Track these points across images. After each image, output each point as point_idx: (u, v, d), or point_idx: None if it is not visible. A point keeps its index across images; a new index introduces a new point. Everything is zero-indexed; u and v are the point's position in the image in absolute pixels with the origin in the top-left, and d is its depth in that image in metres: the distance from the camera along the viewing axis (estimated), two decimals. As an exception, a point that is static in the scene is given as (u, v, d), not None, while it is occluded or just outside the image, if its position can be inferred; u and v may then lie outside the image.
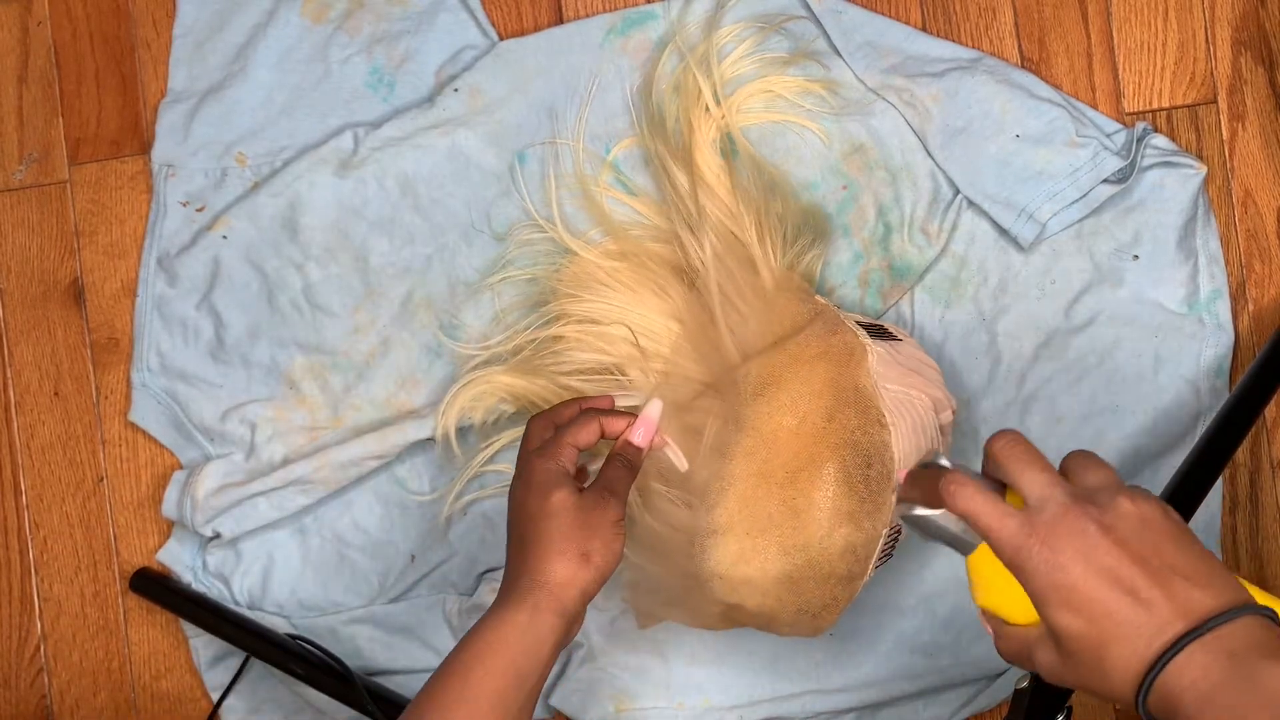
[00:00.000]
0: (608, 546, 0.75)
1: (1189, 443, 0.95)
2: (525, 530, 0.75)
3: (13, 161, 1.09)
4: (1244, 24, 0.99)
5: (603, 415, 0.80)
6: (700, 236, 0.93)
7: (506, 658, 0.71)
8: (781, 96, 1.00)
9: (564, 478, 0.76)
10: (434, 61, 1.04)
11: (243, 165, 1.05)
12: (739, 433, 0.84)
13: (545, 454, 0.77)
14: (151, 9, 1.08)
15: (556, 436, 0.78)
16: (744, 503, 0.83)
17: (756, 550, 0.83)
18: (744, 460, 0.84)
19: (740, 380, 0.86)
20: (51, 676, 1.07)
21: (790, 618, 0.85)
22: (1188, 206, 0.97)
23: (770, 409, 0.84)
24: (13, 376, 1.08)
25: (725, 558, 0.83)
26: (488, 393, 0.98)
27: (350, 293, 1.03)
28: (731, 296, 0.91)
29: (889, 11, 1.01)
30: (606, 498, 0.76)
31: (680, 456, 0.85)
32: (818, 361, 0.85)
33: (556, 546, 0.74)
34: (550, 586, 0.73)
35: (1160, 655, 0.56)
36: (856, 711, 0.99)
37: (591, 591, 0.75)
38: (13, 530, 1.08)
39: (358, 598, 1.03)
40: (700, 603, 0.87)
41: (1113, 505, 0.60)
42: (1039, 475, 0.62)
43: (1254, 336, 0.99)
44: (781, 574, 0.83)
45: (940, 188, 0.99)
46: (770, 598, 0.84)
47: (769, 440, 0.84)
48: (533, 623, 0.72)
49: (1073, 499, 0.60)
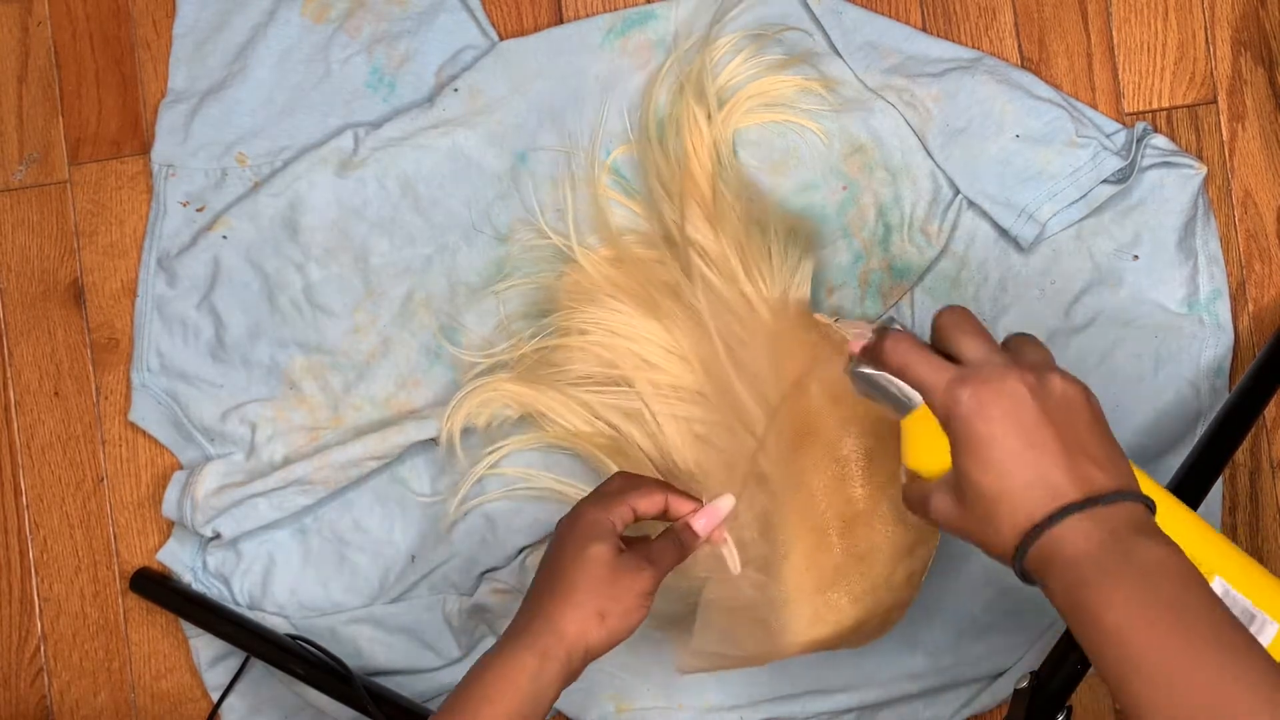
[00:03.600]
0: (628, 614, 0.75)
1: (1189, 443, 0.95)
2: (555, 571, 0.75)
3: (13, 161, 1.09)
4: (1244, 24, 1.00)
5: (672, 493, 0.79)
6: (694, 286, 0.92)
7: (514, 702, 0.72)
8: (781, 97, 1.00)
9: (608, 533, 0.75)
10: (434, 61, 1.04)
11: (243, 165, 1.05)
12: (785, 492, 0.83)
13: (600, 504, 0.77)
14: (152, 9, 1.08)
15: (620, 493, 0.78)
16: (808, 563, 0.82)
17: (829, 606, 0.83)
18: (797, 520, 0.83)
19: (774, 437, 0.85)
20: (51, 676, 1.07)
21: (858, 642, 0.86)
22: (1188, 207, 0.97)
23: (811, 462, 0.83)
24: (13, 376, 1.08)
25: (800, 624, 0.83)
26: (493, 399, 0.98)
27: (350, 293, 1.03)
28: (736, 349, 0.90)
29: (889, 11, 1.01)
30: (644, 566, 0.75)
31: (735, 559, 0.82)
32: (842, 402, 0.84)
33: (577, 598, 0.74)
34: (560, 634, 0.73)
35: (1048, 517, 0.61)
36: (856, 711, 0.99)
37: (596, 652, 0.75)
38: (13, 530, 1.08)
39: (358, 598, 1.03)
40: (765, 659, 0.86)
41: (1047, 377, 0.64)
42: (981, 342, 0.66)
43: (1254, 336, 0.99)
44: (855, 621, 0.83)
45: (940, 188, 0.99)
46: (844, 641, 0.84)
47: (816, 494, 0.83)
48: (541, 670, 0.73)
49: (1008, 363, 0.64)
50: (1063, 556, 0.60)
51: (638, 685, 1.00)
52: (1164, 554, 0.60)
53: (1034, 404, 0.62)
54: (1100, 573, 0.59)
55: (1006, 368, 0.63)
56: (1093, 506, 0.61)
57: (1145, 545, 0.60)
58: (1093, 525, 0.60)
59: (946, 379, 0.64)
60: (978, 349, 0.65)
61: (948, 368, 0.65)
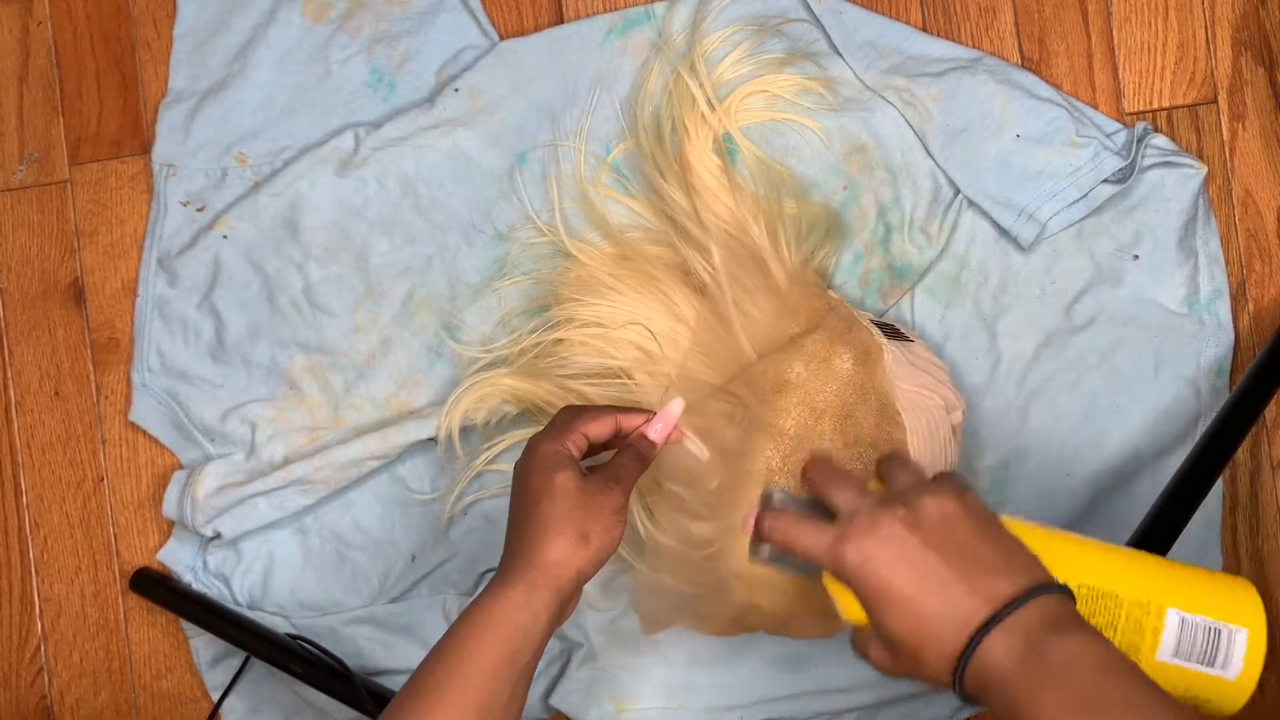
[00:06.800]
0: (607, 531, 0.75)
1: (1189, 443, 0.95)
2: (526, 509, 0.75)
3: (13, 161, 1.09)
4: (1244, 24, 1.00)
5: (620, 412, 0.80)
6: (705, 244, 0.93)
7: (501, 633, 0.71)
8: (780, 96, 1.00)
9: (568, 460, 0.76)
10: (434, 61, 1.04)
11: (243, 165, 1.05)
12: (757, 431, 0.84)
13: (553, 437, 0.77)
14: (152, 9, 1.08)
15: (569, 422, 0.78)
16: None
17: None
18: (762, 458, 0.84)
19: (756, 378, 0.86)
20: (51, 676, 1.07)
21: (806, 619, 0.85)
22: (1188, 206, 0.97)
23: (787, 405, 0.84)
24: (13, 376, 1.08)
25: (745, 555, 0.83)
26: (491, 394, 0.98)
27: (351, 292, 1.03)
28: (743, 302, 0.91)
29: (889, 11, 1.01)
30: (611, 484, 0.76)
31: (701, 446, 0.84)
32: (834, 359, 0.85)
33: (556, 527, 0.74)
34: (547, 566, 0.73)
35: (968, 644, 0.61)
36: (856, 711, 0.99)
37: (588, 574, 0.75)
38: (13, 530, 1.08)
39: (358, 598, 1.03)
40: (714, 608, 0.86)
41: (918, 504, 0.64)
42: (847, 489, 0.66)
43: (1254, 336, 0.99)
44: (798, 589, 0.83)
45: (940, 188, 0.99)
46: (788, 597, 0.84)
47: (787, 438, 0.84)
48: (528, 600, 0.72)
49: (879, 504, 0.64)
50: (993, 677, 0.61)
51: (638, 685, 1.00)
52: (1079, 647, 0.60)
53: (913, 538, 0.63)
54: (1025, 686, 0.59)
55: (877, 513, 0.64)
56: (1001, 620, 0.61)
57: (1059, 643, 0.60)
58: (1008, 638, 0.61)
59: (827, 543, 0.65)
60: (846, 500, 0.66)
61: (825, 530, 0.65)
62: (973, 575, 0.62)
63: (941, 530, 0.63)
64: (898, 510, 0.64)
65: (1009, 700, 0.60)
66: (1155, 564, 0.71)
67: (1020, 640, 0.60)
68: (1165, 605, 0.68)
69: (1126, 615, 0.67)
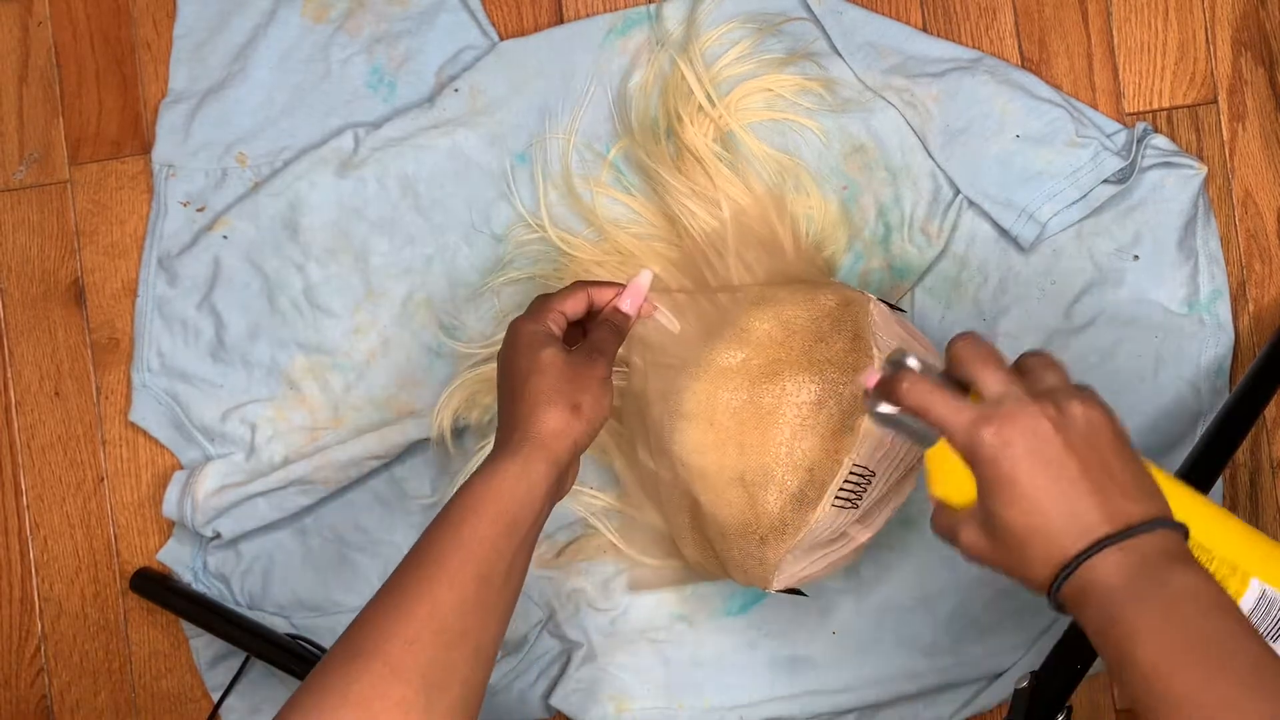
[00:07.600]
0: (597, 400, 0.76)
1: (1189, 443, 0.95)
2: (515, 387, 0.76)
3: (13, 161, 1.09)
4: (1244, 24, 0.99)
5: (591, 286, 0.81)
6: (710, 222, 0.95)
7: (499, 505, 0.71)
8: (780, 95, 1.00)
9: (550, 338, 0.77)
10: (434, 61, 1.04)
11: (243, 165, 1.05)
12: (728, 328, 0.85)
13: (533, 318, 0.78)
14: (152, 9, 1.08)
15: (545, 303, 0.79)
16: (715, 391, 0.84)
17: (717, 443, 0.84)
18: (725, 352, 0.85)
19: (740, 290, 0.88)
20: (51, 676, 1.07)
21: (738, 538, 0.85)
22: (1188, 207, 0.97)
23: (764, 316, 0.85)
24: (13, 376, 1.08)
25: (688, 443, 0.84)
26: (482, 392, 0.98)
27: (350, 293, 1.03)
28: (745, 254, 0.92)
29: (889, 11, 1.01)
30: (594, 356, 0.77)
31: (671, 319, 0.87)
32: (820, 295, 0.86)
33: (546, 398, 0.74)
34: (542, 438, 0.73)
35: (1081, 553, 0.61)
36: (857, 711, 0.99)
37: (583, 443, 0.76)
38: (13, 530, 1.08)
39: (358, 598, 1.03)
40: (680, 534, 0.89)
41: (1067, 406, 0.63)
42: (997, 373, 0.65)
43: (1254, 336, 0.99)
44: (736, 474, 0.83)
45: (940, 188, 0.99)
46: (722, 500, 0.84)
47: (755, 342, 0.85)
48: (525, 471, 0.72)
49: (1030, 396, 0.63)
50: (1096, 590, 0.60)
51: (638, 685, 1.00)
52: (1196, 583, 0.60)
53: (1058, 438, 0.62)
54: (1133, 607, 0.59)
55: (1026, 402, 0.63)
56: (1124, 539, 0.60)
57: (1178, 575, 0.60)
58: (1124, 557, 0.60)
59: (967, 420, 0.63)
60: (995, 382, 0.64)
61: (967, 407, 0.64)
62: (1105, 489, 0.62)
63: (1085, 438, 0.62)
64: (1047, 408, 0.62)
65: (1107, 618, 0.60)
66: (1250, 532, 0.73)
67: (1136, 562, 0.60)
68: (1251, 573, 0.70)
69: (1214, 571, 0.69)
